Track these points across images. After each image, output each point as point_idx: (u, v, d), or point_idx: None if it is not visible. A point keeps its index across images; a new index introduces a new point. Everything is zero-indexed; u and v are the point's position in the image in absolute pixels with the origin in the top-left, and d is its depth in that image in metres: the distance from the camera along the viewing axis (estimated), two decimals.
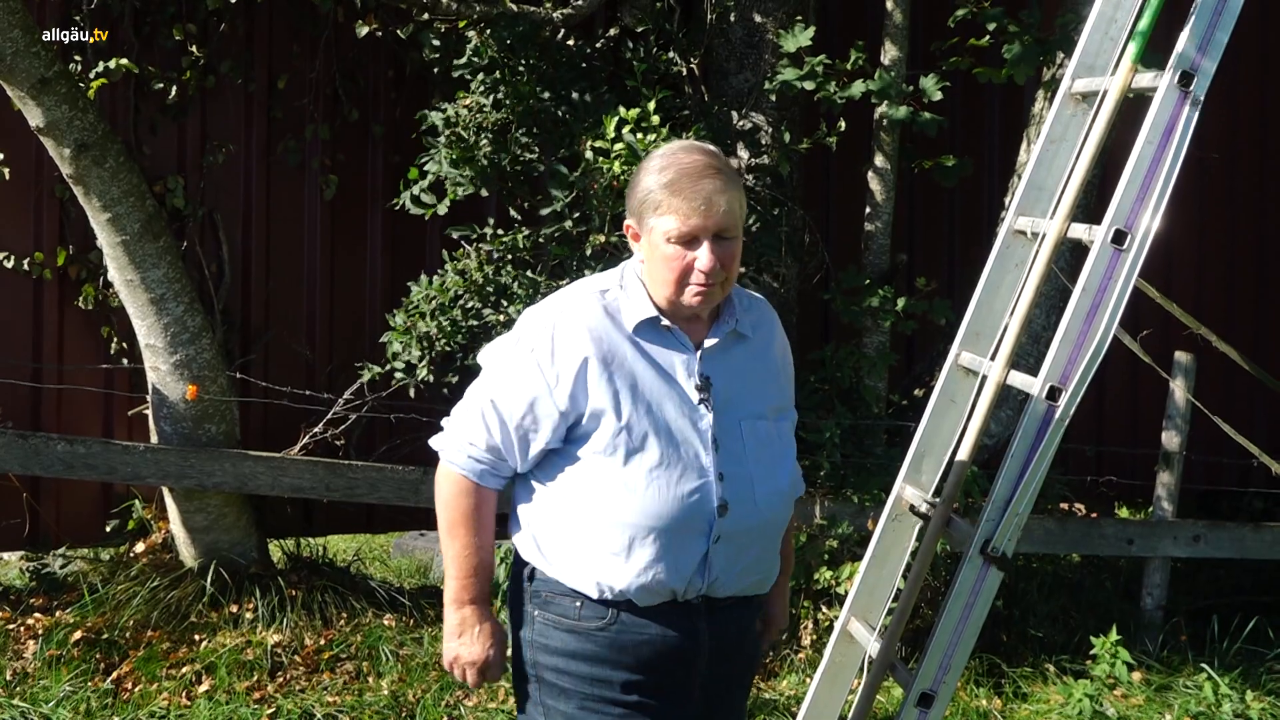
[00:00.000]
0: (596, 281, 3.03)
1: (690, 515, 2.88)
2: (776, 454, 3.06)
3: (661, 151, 2.95)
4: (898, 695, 5.38)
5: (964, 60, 6.00)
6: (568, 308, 2.94)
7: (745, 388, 3.02)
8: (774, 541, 3.08)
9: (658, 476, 2.86)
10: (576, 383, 2.87)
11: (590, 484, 2.89)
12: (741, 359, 3.04)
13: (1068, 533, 6.33)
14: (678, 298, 2.90)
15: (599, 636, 2.92)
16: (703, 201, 2.83)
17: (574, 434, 2.91)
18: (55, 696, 5.15)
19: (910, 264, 6.89)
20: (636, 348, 2.92)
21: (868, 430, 6.23)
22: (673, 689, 2.98)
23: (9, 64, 5.41)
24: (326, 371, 6.69)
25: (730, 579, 2.97)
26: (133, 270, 5.81)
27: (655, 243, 2.89)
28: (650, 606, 2.92)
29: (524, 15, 5.83)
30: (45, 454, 5.90)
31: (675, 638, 2.94)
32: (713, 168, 2.87)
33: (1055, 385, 3.30)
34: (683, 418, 2.91)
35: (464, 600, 2.99)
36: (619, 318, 2.94)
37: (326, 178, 6.75)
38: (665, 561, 2.88)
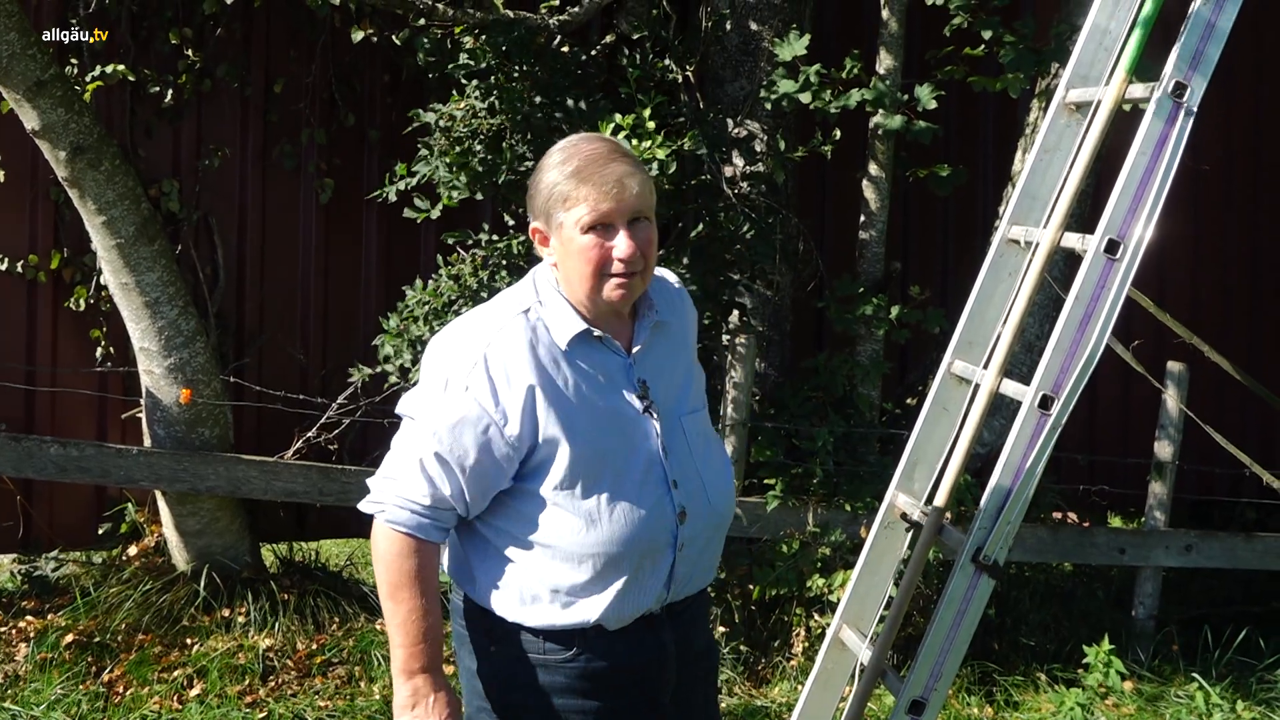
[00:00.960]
0: (512, 302, 2.84)
1: (656, 534, 2.80)
2: (715, 445, 3.02)
3: (559, 146, 2.81)
4: (889, 703, 5.37)
5: (959, 70, 6.02)
6: (494, 337, 2.76)
7: (675, 382, 2.94)
8: (724, 534, 3.03)
9: (620, 501, 2.76)
10: (524, 415, 2.71)
11: (551, 520, 2.76)
12: (666, 351, 2.95)
13: (1060, 541, 6.34)
14: (598, 294, 2.75)
15: (566, 668, 2.82)
16: (614, 185, 2.69)
17: (525, 469, 2.77)
18: (47, 699, 5.15)
19: (904, 272, 6.89)
20: (573, 367, 2.78)
21: (861, 438, 6.23)
22: (644, 706, 2.91)
23: (5, 66, 5.41)
24: (320, 376, 6.69)
25: (689, 582, 2.92)
26: (127, 273, 5.81)
27: (568, 237, 2.73)
28: (617, 630, 2.83)
29: (519, 21, 5.84)
30: (38, 456, 5.90)
31: (643, 654, 2.87)
32: (617, 152, 2.75)
33: (1048, 394, 3.31)
34: (633, 432, 2.82)
35: (414, 669, 2.76)
36: (550, 337, 2.78)
37: (322, 182, 6.77)
38: (639, 584, 2.80)
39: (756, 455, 6.09)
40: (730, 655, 5.82)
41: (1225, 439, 6.09)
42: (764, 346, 6.40)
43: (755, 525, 5.98)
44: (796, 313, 6.71)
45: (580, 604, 2.78)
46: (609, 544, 2.75)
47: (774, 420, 6.20)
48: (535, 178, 2.80)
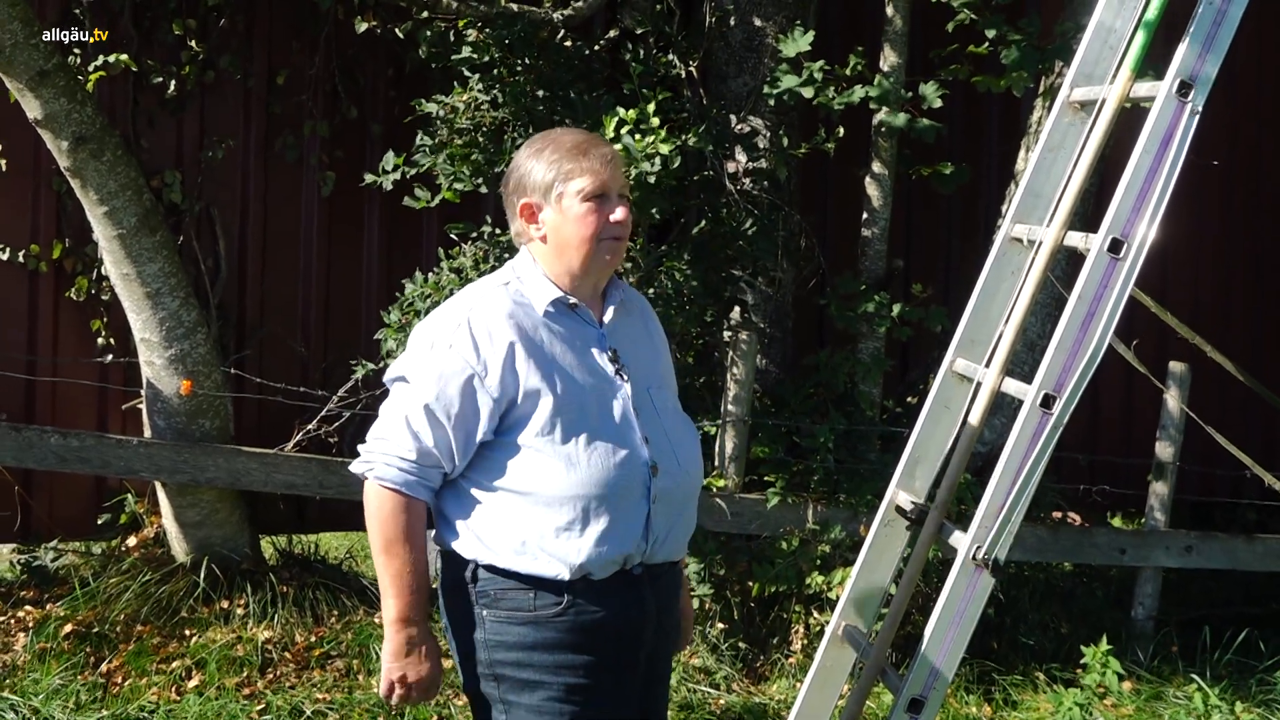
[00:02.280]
0: (493, 278, 3.12)
1: (631, 479, 2.97)
2: (683, 420, 3.22)
3: (544, 136, 3.12)
4: (887, 701, 5.37)
5: (964, 69, 6.01)
6: (476, 303, 3.01)
7: (643, 358, 3.17)
8: (695, 502, 3.20)
9: (597, 446, 2.94)
10: (505, 368, 2.92)
11: (532, 467, 2.93)
12: (633, 331, 3.19)
13: (1060, 541, 6.33)
14: (592, 256, 3.02)
15: (557, 622, 2.95)
16: (606, 162, 3.01)
17: (505, 422, 2.96)
18: (45, 689, 5.15)
19: (906, 270, 6.88)
20: (550, 330, 3.01)
21: (861, 436, 6.23)
22: (627, 663, 3.06)
23: (8, 56, 5.40)
24: (321, 368, 6.69)
25: (666, 542, 3.07)
26: (129, 264, 5.81)
27: (568, 207, 3.00)
28: (603, 582, 2.97)
29: (523, 15, 5.83)
30: (38, 447, 5.90)
31: (627, 610, 3.02)
32: (599, 138, 3.12)
33: (1049, 393, 3.30)
34: (607, 389, 3.03)
35: (411, 619, 2.96)
36: (528, 304, 3.02)
37: (324, 174, 6.76)
38: (618, 527, 2.95)
39: (757, 452, 6.09)
40: (729, 652, 5.82)
41: (1227, 440, 6.09)
42: (765, 343, 6.39)
43: (755, 522, 5.98)
44: (798, 310, 6.70)
45: (564, 548, 2.93)
46: (588, 485, 2.92)
47: (775, 417, 6.19)
48: (523, 165, 3.08)
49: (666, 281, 5.79)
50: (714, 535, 5.95)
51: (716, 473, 6.04)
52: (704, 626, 5.87)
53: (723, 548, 5.97)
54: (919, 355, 7.01)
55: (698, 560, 5.76)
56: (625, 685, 3.06)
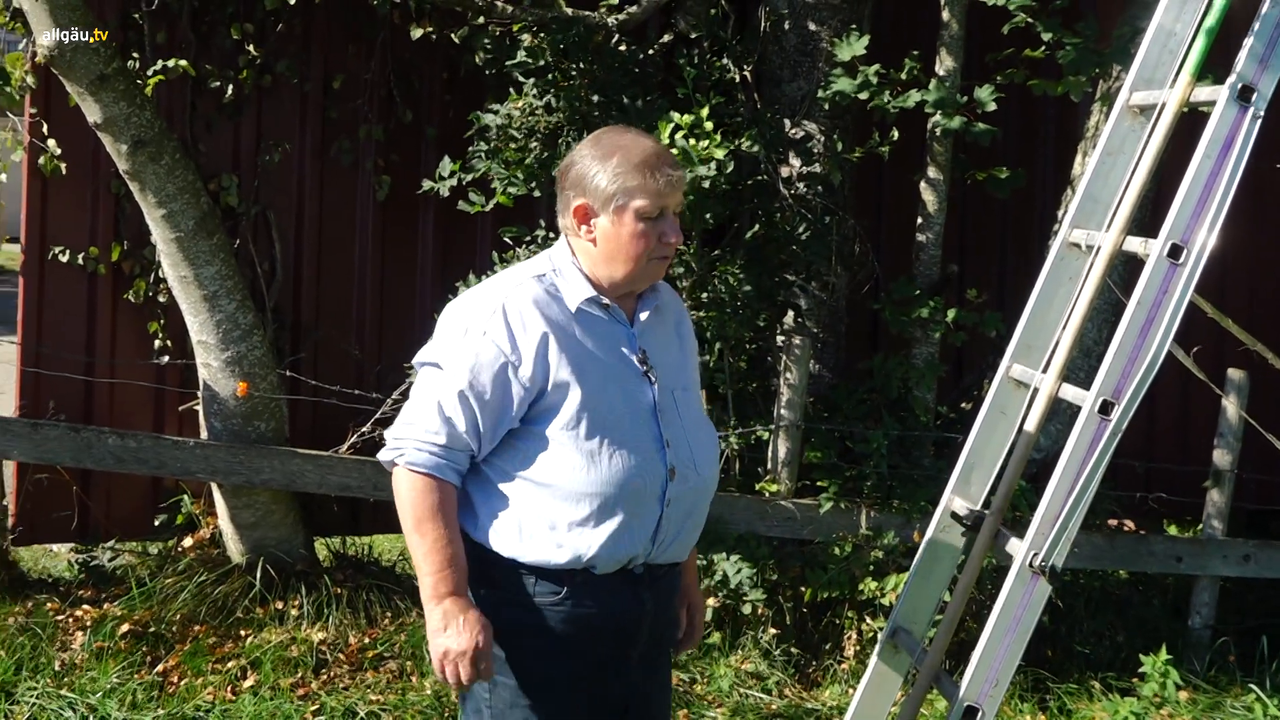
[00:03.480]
0: (530, 268, 3.10)
1: (649, 481, 2.98)
2: (705, 423, 3.23)
3: (610, 136, 3.08)
4: (941, 708, 5.35)
5: (1020, 72, 5.97)
6: (511, 290, 3.01)
7: (671, 360, 3.17)
8: (707, 506, 3.20)
9: (620, 445, 2.95)
10: (538, 358, 2.93)
11: (554, 459, 2.94)
12: (663, 333, 3.19)
13: (1116, 549, 6.28)
14: (640, 270, 3.03)
15: (551, 612, 2.98)
16: (667, 182, 3.00)
17: (533, 412, 2.97)
18: (102, 688, 5.19)
19: (961, 275, 6.84)
20: (582, 326, 3.02)
21: (915, 441, 6.20)
22: (615, 662, 3.07)
23: (68, 60, 5.47)
24: (375, 371, 6.71)
25: (672, 544, 3.08)
26: (186, 267, 5.86)
27: (625, 222, 3.00)
28: (603, 577, 2.99)
29: (578, 20, 5.84)
30: (96, 447, 5.95)
31: (623, 607, 3.04)
32: (669, 151, 3.09)
33: (1108, 399, 3.28)
34: (633, 389, 3.03)
35: (443, 593, 2.91)
36: (560, 298, 3.03)
37: (379, 178, 6.79)
38: (630, 527, 2.97)
39: (810, 457, 6.07)
40: (781, 657, 5.80)
41: None
42: (818, 348, 6.37)
43: (808, 527, 5.96)
44: (852, 314, 6.68)
45: (575, 541, 2.95)
46: (606, 484, 2.94)
47: (828, 422, 6.17)
48: (587, 163, 3.04)
49: (720, 286, 5.79)
50: (767, 540, 5.95)
51: (769, 477, 6.03)
52: (756, 631, 5.86)
53: (775, 552, 5.96)
54: (973, 360, 6.96)
55: (750, 565, 5.74)
56: (611, 681, 3.08)
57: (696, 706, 5.45)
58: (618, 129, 3.15)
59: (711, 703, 5.52)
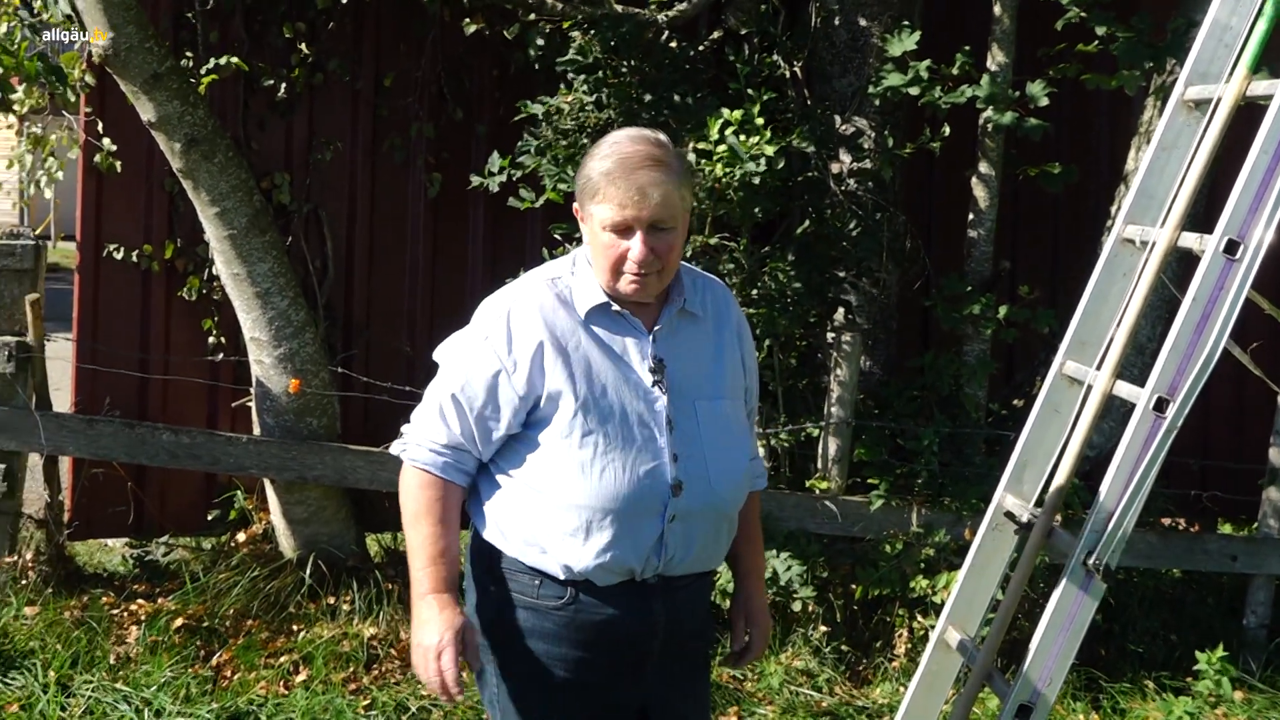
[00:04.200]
0: (549, 269, 3.06)
1: (645, 496, 2.91)
2: (732, 435, 3.09)
3: (609, 139, 2.96)
4: (992, 706, 5.32)
5: (1073, 67, 5.92)
6: (520, 296, 2.98)
7: (699, 369, 3.05)
8: (730, 521, 3.12)
9: (613, 459, 2.89)
10: (533, 367, 2.90)
11: (548, 467, 2.91)
12: (693, 339, 3.07)
13: (1170, 547, 6.22)
14: (615, 284, 2.93)
15: (556, 615, 2.96)
16: (636, 192, 2.84)
17: (532, 418, 2.94)
18: (157, 681, 5.23)
19: (1013, 272, 6.80)
20: (589, 333, 2.96)
21: (966, 439, 6.17)
22: (624, 669, 3.03)
23: (123, 59, 5.52)
24: (426, 367, 6.71)
25: (685, 558, 3.00)
26: (239, 264, 5.90)
27: (594, 230, 2.92)
28: (608, 586, 2.95)
29: (628, 16, 5.84)
30: (151, 443, 6.01)
31: (631, 617, 2.98)
32: (652, 158, 2.87)
33: (1163, 396, 3.25)
34: (637, 400, 2.94)
35: (424, 590, 2.90)
36: (571, 304, 2.97)
37: (430, 176, 6.82)
38: (623, 542, 2.91)
39: (860, 454, 6.05)
40: (831, 655, 5.79)
41: None
42: (869, 345, 6.34)
43: (858, 525, 5.95)
44: (902, 311, 6.65)
45: (566, 551, 2.92)
46: (595, 497, 2.88)
47: (878, 419, 6.15)
48: (586, 163, 2.96)
49: (770, 282, 5.78)
50: (817, 537, 5.93)
51: (820, 475, 6.02)
52: (806, 629, 5.85)
53: (826, 550, 5.94)
54: (1025, 358, 6.93)
55: (800, 562, 5.73)
56: (619, 691, 3.04)
57: (747, 704, 5.45)
58: (632, 130, 3.01)
59: (762, 700, 5.51)
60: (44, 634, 5.52)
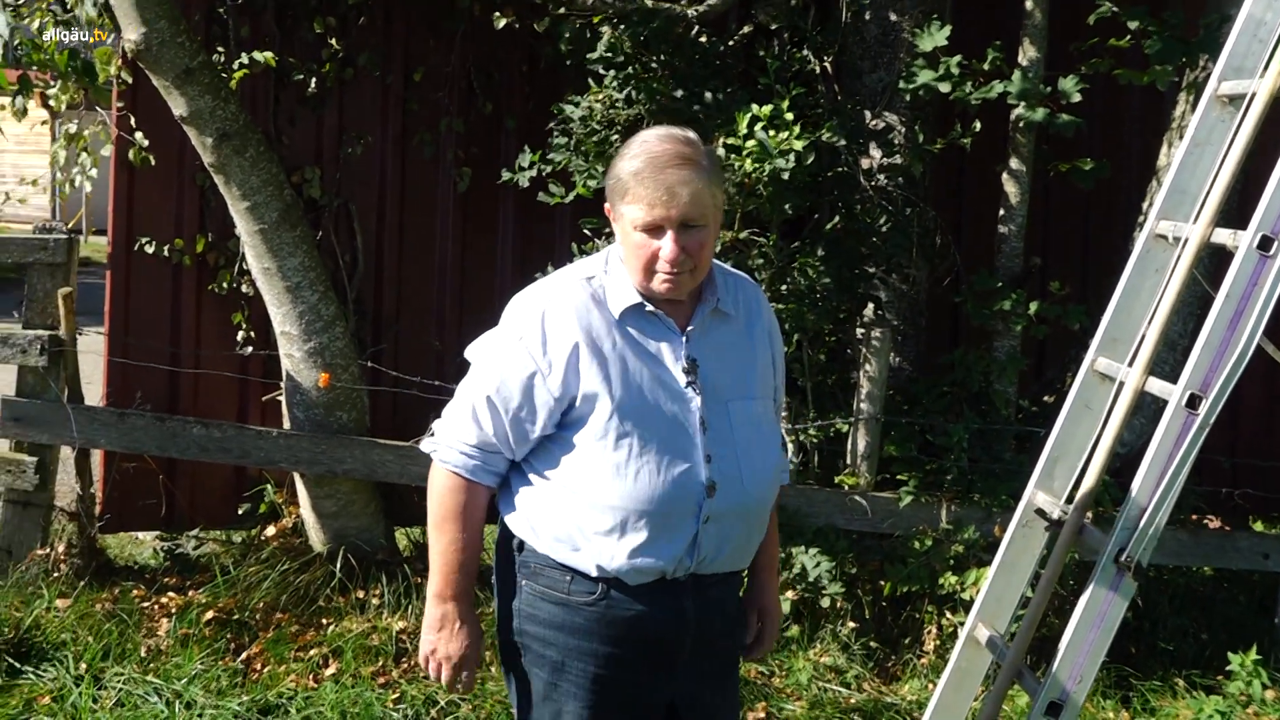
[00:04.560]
0: (582, 268, 3.05)
1: (680, 497, 2.91)
2: (763, 435, 3.09)
3: (639, 138, 2.97)
4: (1021, 704, 5.31)
5: (1105, 62, 5.89)
6: (554, 295, 2.97)
7: (730, 369, 3.05)
8: (761, 521, 3.13)
9: (648, 460, 2.89)
10: (568, 368, 2.89)
11: (582, 468, 2.91)
12: (726, 338, 3.08)
13: (1201, 545, 6.19)
14: (648, 283, 2.93)
15: (587, 611, 2.96)
16: (665, 192, 2.84)
17: (566, 419, 2.94)
18: (187, 674, 5.26)
19: (1044, 268, 6.77)
20: (623, 334, 2.95)
21: (996, 435, 6.14)
22: (655, 665, 3.04)
23: (155, 54, 5.55)
24: (455, 362, 6.72)
25: (717, 558, 3.01)
26: (270, 258, 5.92)
27: (625, 229, 2.92)
28: (640, 585, 2.96)
29: (658, 11, 5.83)
30: (181, 437, 6.04)
31: (662, 615, 2.99)
32: (681, 157, 2.88)
33: (1195, 393, 3.23)
34: (671, 401, 2.95)
35: (447, 596, 3.00)
36: (605, 304, 2.97)
37: (460, 170, 6.83)
38: (657, 543, 2.92)
39: (890, 450, 6.04)
40: (860, 651, 5.78)
41: None
42: (899, 341, 6.33)
43: (887, 521, 5.93)
44: (932, 307, 6.63)
45: (599, 551, 2.92)
46: (631, 498, 2.89)
47: (908, 415, 6.13)
48: (617, 163, 2.96)
49: (799, 278, 5.76)
50: (846, 533, 5.92)
51: (849, 470, 6.01)
52: (835, 625, 5.84)
53: (854, 546, 5.93)
54: (1055, 354, 6.89)
55: (829, 558, 5.72)
56: (648, 687, 3.05)
57: (775, 699, 5.44)
58: (661, 129, 3.00)
59: (790, 696, 5.51)
60: (76, 626, 5.55)
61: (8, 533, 6.15)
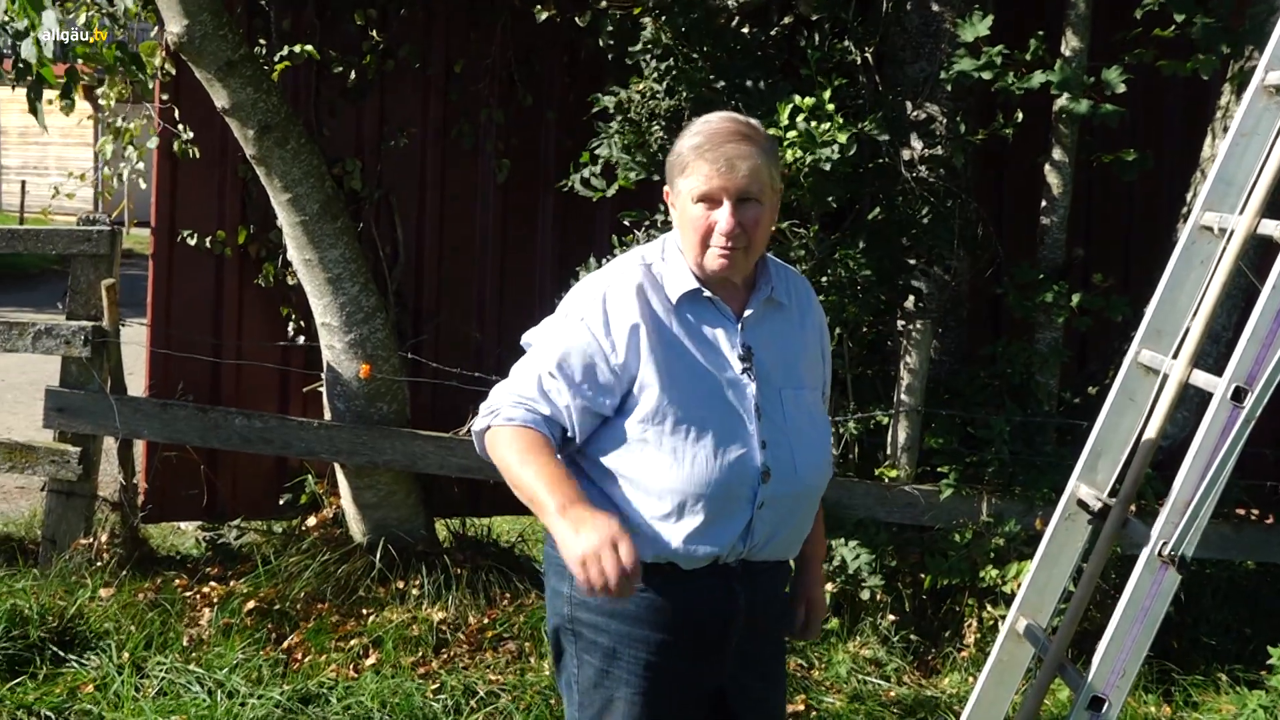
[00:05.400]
0: (641, 254, 3.06)
1: (736, 482, 2.92)
2: (815, 424, 3.12)
3: (700, 119, 3.02)
4: (1062, 698, 5.28)
5: (1149, 52, 5.84)
6: (615, 278, 2.98)
7: (784, 357, 3.08)
8: (811, 509, 3.15)
9: (705, 444, 2.90)
10: (630, 348, 2.90)
11: (639, 454, 2.91)
12: (779, 327, 3.10)
13: (1243, 539, 6.15)
14: (702, 259, 2.95)
15: (638, 597, 2.92)
16: (724, 163, 2.88)
17: (624, 405, 2.93)
18: (229, 663, 5.29)
19: (1086, 259, 6.72)
20: (681, 319, 2.97)
21: (1038, 427, 6.11)
22: (705, 652, 3.04)
23: (198, 46, 5.57)
24: (495, 354, 6.76)
25: (769, 544, 3.02)
26: (311, 250, 5.94)
27: (683, 205, 2.96)
28: (691, 569, 2.96)
29: (699, 2, 5.82)
30: (224, 428, 6.07)
31: (713, 600, 3.00)
32: (739, 134, 2.93)
33: (1241, 386, 3.20)
34: (728, 387, 2.96)
35: (564, 502, 2.69)
36: (663, 289, 2.98)
37: (500, 161, 6.84)
38: (713, 528, 2.92)
39: (930, 442, 6.01)
40: (900, 644, 5.77)
41: None
42: (939, 332, 6.30)
43: (928, 513, 5.91)
44: (973, 299, 6.60)
45: (655, 537, 2.91)
46: (689, 483, 2.89)
47: (949, 407, 6.11)
48: (676, 143, 3.01)
49: (840, 270, 5.74)
50: (886, 526, 5.90)
51: (889, 463, 5.99)
52: (875, 618, 5.83)
53: (894, 539, 5.91)
54: (1097, 346, 6.85)
55: (869, 551, 5.71)
56: (699, 673, 3.05)
57: (815, 692, 5.44)
58: (721, 112, 3.07)
59: (830, 688, 5.50)
60: (118, 615, 5.59)
61: (52, 522, 6.20)
